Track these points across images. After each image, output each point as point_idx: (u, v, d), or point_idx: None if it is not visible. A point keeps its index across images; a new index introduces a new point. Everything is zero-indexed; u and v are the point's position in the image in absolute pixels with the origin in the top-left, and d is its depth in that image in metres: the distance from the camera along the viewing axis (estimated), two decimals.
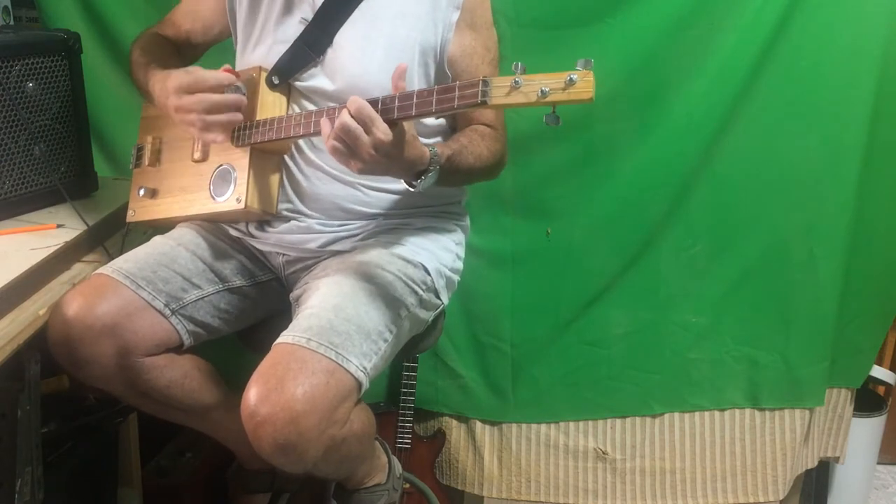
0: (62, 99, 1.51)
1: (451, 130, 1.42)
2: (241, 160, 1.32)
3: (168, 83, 1.28)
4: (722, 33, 1.68)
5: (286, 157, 1.36)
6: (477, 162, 1.30)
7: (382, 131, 1.07)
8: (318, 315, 1.17)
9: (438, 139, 1.40)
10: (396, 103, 1.09)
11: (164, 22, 1.53)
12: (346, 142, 1.08)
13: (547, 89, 0.98)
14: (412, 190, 1.20)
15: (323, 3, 1.32)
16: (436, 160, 1.18)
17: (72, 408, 1.51)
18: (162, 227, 1.45)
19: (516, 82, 0.99)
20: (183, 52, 1.51)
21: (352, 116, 1.07)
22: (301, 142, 1.35)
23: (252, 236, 1.41)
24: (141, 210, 1.44)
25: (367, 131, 1.07)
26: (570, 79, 0.97)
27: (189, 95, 1.26)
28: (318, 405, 1.09)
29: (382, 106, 1.10)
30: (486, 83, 1.02)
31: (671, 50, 1.70)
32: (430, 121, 1.38)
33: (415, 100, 1.08)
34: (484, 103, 1.02)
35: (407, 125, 1.12)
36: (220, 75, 1.27)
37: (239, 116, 1.29)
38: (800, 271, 1.86)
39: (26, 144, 1.46)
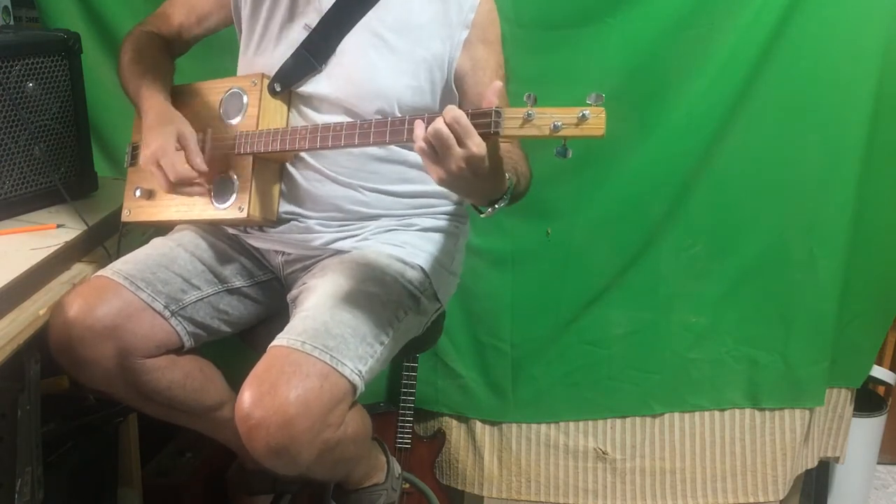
0: (62, 99, 1.51)
1: None
2: (243, 169, 1.31)
3: (153, 136, 1.27)
4: (722, 33, 1.68)
5: None
6: (526, 184, 1.25)
7: (477, 144, 0.99)
8: (314, 318, 1.16)
9: None
10: (406, 126, 1.07)
11: (155, 15, 1.51)
12: (436, 149, 1.01)
13: (560, 124, 0.97)
14: (481, 216, 1.14)
15: (329, 11, 1.32)
16: (511, 190, 1.12)
17: (72, 408, 1.51)
18: (159, 227, 1.45)
19: (529, 115, 0.98)
20: (173, 45, 1.50)
21: (446, 124, 1.00)
22: None
23: (249, 233, 1.40)
24: (137, 211, 1.43)
25: (461, 143, 1.00)
26: (583, 115, 0.96)
27: (164, 161, 1.25)
28: (312, 409, 1.09)
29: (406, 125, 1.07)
30: (498, 114, 0.99)
31: (671, 50, 1.70)
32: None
33: (425, 124, 1.05)
34: (496, 134, 0.99)
35: (496, 147, 1.05)
36: (189, 173, 1.26)
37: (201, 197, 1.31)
38: (800, 271, 1.86)
39: (26, 144, 1.46)
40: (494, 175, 1.05)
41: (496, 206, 1.11)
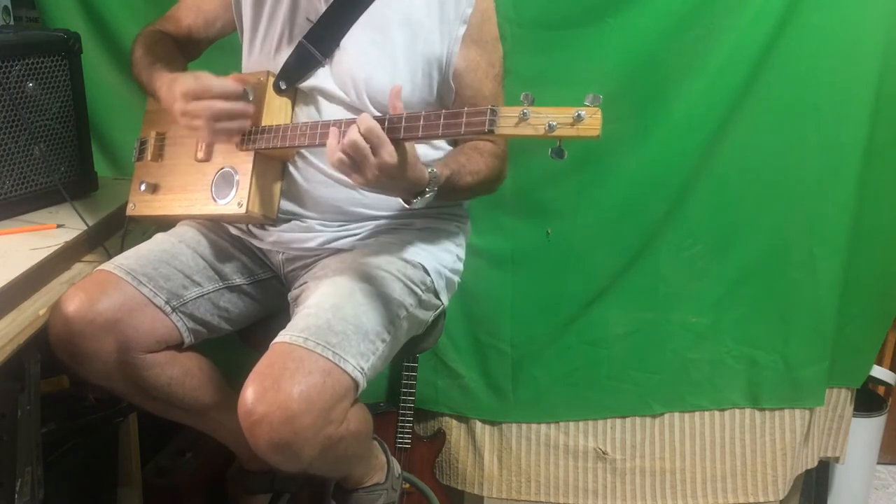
0: (62, 99, 1.51)
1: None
2: (244, 164, 1.32)
3: (175, 87, 1.27)
4: (722, 33, 1.68)
5: None
6: (475, 179, 1.31)
7: (389, 153, 1.07)
8: (316, 315, 1.17)
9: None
10: (403, 123, 1.09)
11: (164, 18, 1.53)
12: (353, 158, 1.08)
13: (555, 123, 0.97)
14: (408, 207, 1.20)
15: (331, 5, 1.32)
16: (434, 181, 1.18)
17: (72, 408, 1.51)
18: (162, 223, 1.45)
19: (524, 114, 0.99)
20: (184, 48, 1.51)
21: (361, 135, 1.06)
22: None
23: (252, 235, 1.41)
24: (141, 205, 1.44)
25: (375, 152, 1.07)
26: (578, 115, 0.97)
27: (196, 101, 1.25)
28: (315, 405, 1.09)
29: (389, 125, 1.09)
30: (493, 112, 1.01)
31: (671, 50, 1.70)
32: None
33: (421, 122, 1.08)
34: (491, 132, 1.01)
35: (409, 146, 1.12)
36: (227, 83, 1.26)
37: (247, 124, 1.29)
38: (800, 271, 1.86)
39: (26, 144, 1.46)
40: (410, 172, 1.13)
41: (422, 196, 1.18)
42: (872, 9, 1.68)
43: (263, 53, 1.38)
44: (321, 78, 1.33)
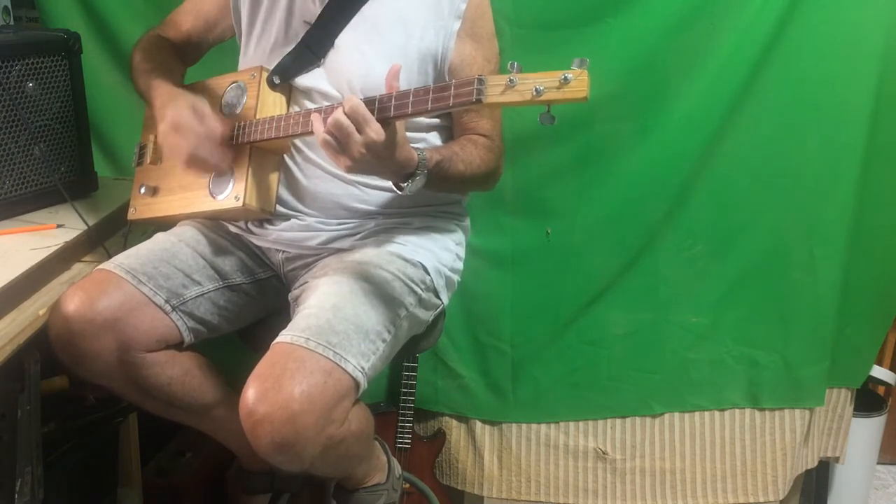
0: (62, 99, 1.51)
1: (445, 129, 1.42)
2: (240, 159, 1.32)
3: (167, 111, 1.29)
4: (722, 33, 1.68)
5: (285, 155, 1.37)
6: (468, 170, 1.31)
7: (375, 131, 1.09)
8: (317, 315, 1.17)
9: (434, 133, 1.40)
10: (393, 102, 1.10)
11: (164, 23, 1.53)
12: (338, 138, 1.09)
13: (542, 88, 0.98)
14: (399, 193, 1.21)
15: (326, 6, 1.33)
16: (424, 164, 1.20)
17: (72, 408, 1.51)
18: (163, 224, 1.45)
19: (511, 81, 1.00)
20: (184, 52, 1.52)
21: (346, 114, 1.08)
22: (299, 140, 1.35)
23: (251, 233, 1.41)
24: (142, 208, 1.45)
25: (360, 130, 1.09)
26: (565, 78, 0.97)
27: (180, 136, 1.27)
28: (316, 405, 1.09)
29: (379, 105, 1.10)
30: (481, 81, 1.02)
31: (671, 50, 1.70)
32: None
33: (411, 98, 1.09)
34: (479, 101, 1.02)
35: (399, 126, 1.13)
36: (213, 131, 1.27)
37: (222, 168, 1.31)
38: (800, 271, 1.86)
39: (26, 144, 1.46)
40: (399, 153, 1.13)
41: (412, 180, 1.18)
42: (872, 9, 1.68)
43: (259, 54, 1.39)
44: (316, 77, 1.34)
